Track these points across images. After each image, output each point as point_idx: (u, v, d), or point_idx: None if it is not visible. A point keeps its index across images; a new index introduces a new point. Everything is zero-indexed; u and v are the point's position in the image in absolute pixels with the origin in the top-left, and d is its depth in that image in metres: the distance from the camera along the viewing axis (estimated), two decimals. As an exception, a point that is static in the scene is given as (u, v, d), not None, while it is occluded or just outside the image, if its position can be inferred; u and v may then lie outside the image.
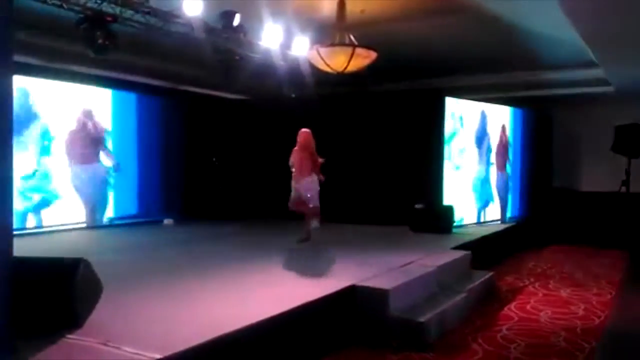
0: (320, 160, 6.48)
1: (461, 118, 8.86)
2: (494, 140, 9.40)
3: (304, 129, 6.52)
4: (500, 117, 9.57)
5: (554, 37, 6.81)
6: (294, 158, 6.48)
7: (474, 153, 9.07)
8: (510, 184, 9.74)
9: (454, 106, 8.75)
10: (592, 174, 10.26)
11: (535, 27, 6.54)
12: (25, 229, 7.23)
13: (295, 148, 6.48)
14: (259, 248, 6.53)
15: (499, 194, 9.50)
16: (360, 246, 6.73)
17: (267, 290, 4.37)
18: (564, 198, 10.42)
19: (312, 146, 6.45)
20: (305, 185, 6.42)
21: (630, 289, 6.46)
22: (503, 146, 9.56)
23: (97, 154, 8.21)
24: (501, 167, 9.56)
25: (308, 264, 5.54)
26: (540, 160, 10.30)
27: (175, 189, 9.36)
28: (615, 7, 4.96)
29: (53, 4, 4.89)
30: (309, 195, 6.43)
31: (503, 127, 9.54)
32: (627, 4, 4.90)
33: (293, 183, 6.49)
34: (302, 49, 6.51)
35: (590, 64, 7.65)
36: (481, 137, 9.14)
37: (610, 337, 4.61)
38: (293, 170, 6.49)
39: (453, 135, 8.72)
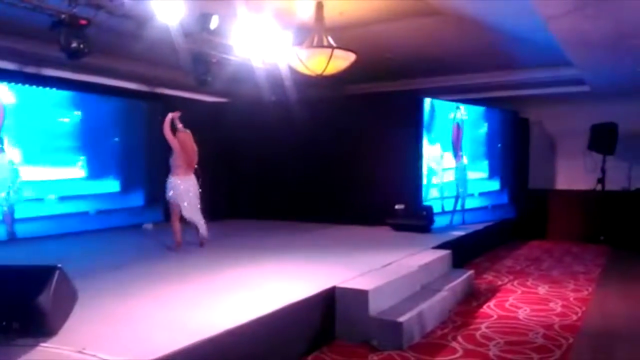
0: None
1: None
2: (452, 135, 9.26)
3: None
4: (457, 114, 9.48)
5: (530, 38, 6.90)
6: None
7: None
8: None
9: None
10: (569, 173, 10.42)
11: (512, 28, 6.62)
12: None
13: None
14: (239, 251, 6.50)
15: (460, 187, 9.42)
16: (341, 247, 6.74)
17: (247, 293, 4.35)
18: (542, 197, 10.57)
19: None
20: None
21: (607, 285, 6.56)
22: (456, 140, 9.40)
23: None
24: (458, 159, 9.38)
25: (289, 265, 5.53)
26: (518, 159, 10.41)
27: (154, 193, 9.27)
28: (589, 8, 5.05)
29: (25, 7, 4.81)
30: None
31: (458, 124, 9.35)
32: (600, 5, 5.00)
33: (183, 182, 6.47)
34: (281, 51, 6.50)
35: (565, 64, 7.77)
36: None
37: (587, 333, 4.68)
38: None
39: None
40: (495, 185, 10.04)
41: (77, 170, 8.25)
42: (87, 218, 8.30)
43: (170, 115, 6.48)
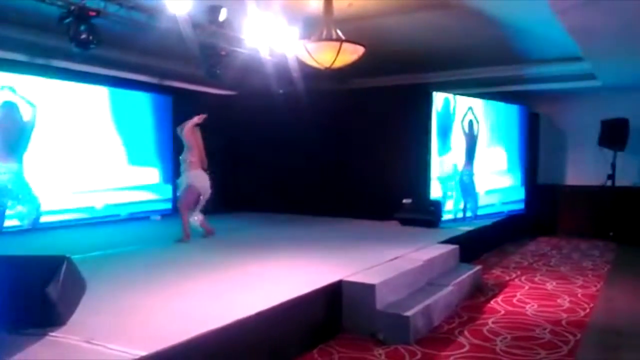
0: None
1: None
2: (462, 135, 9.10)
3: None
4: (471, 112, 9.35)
5: (541, 32, 6.84)
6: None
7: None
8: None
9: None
10: (578, 168, 10.34)
11: (522, 21, 6.56)
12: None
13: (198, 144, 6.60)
14: (246, 243, 6.52)
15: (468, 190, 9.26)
16: (348, 241, 6.73)
17: (255, 285, 4.37)
18: (551, 192, 10.49)
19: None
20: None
21: (616, 281, 6.51)
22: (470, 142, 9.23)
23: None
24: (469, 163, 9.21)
25: (295, 259, 5.54)
26: (528, 155, 10.34)
27: (162, 185, 9.32)
28: (600, 2, 4.99)
29: (34, -2, 4.83)
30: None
31: (471, 123, 9.22)
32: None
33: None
34: (289, 44, 6.48)
35: (576, 58, 7.69)
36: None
37: (595, 329, 4.66)
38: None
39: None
40: (513, 189, 9.99)
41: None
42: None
43: (196, 119, 6.60)
